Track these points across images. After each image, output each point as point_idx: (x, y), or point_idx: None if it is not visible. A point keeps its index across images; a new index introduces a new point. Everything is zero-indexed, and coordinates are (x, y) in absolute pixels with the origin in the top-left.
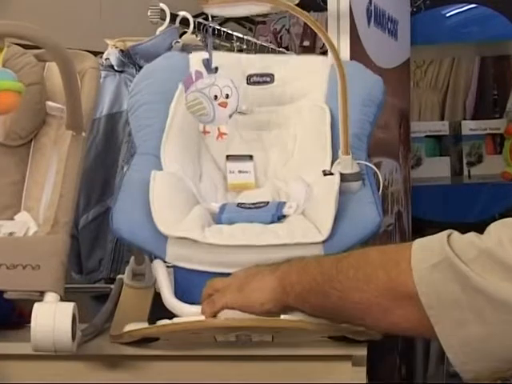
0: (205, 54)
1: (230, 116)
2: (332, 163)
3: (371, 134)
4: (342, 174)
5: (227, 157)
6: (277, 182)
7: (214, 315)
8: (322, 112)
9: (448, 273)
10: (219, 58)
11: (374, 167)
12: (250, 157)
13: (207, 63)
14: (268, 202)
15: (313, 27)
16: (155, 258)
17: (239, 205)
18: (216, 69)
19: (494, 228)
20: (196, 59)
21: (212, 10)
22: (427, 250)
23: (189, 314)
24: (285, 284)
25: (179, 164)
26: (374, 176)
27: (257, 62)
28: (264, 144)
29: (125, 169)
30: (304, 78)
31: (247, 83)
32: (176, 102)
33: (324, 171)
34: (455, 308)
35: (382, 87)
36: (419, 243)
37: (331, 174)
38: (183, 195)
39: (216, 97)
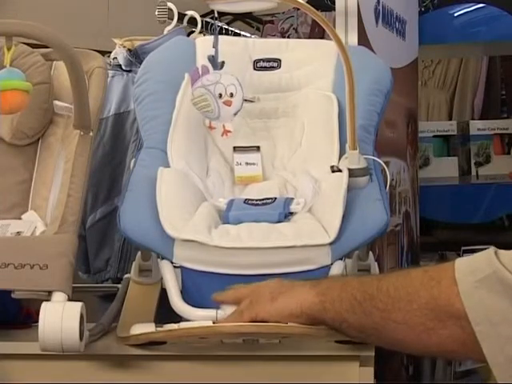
0: (211, 41)
1: (235, 114)
2: (340, 156)
3: (379, 124)
4: (349, 169)
5: (234, 148)
6: (284, 173)
7: None
8: (330, 102)
9: (498, 287)
10: (226, 42)
11: (381, 162)
12: (257, 148)
13: (213, 59)
14: (275, 198)
15: (321, 23)
16: (163, 258)
17: (246, 201)
18: (222, 64)
19: None
20: (202, 44)
21: (218, 6)
22: (473, 266)
23: (196, 317)
24: (325, 300)
25: (186, 159)
26: (381, 171)
27: (263, 46)
28: (271, 133)
29: (132, 164)
30: (311, 64)
31: (254, 69)
32: (182, 93)
33: (332, 167)
34: (504, 324)
35: (389, 76)
36: (462, 260)
37: (339, 170)
38: (190, 193)
39: (221, 95)
